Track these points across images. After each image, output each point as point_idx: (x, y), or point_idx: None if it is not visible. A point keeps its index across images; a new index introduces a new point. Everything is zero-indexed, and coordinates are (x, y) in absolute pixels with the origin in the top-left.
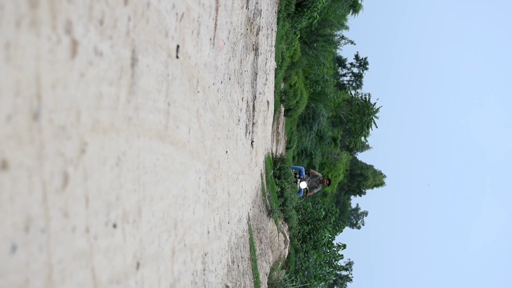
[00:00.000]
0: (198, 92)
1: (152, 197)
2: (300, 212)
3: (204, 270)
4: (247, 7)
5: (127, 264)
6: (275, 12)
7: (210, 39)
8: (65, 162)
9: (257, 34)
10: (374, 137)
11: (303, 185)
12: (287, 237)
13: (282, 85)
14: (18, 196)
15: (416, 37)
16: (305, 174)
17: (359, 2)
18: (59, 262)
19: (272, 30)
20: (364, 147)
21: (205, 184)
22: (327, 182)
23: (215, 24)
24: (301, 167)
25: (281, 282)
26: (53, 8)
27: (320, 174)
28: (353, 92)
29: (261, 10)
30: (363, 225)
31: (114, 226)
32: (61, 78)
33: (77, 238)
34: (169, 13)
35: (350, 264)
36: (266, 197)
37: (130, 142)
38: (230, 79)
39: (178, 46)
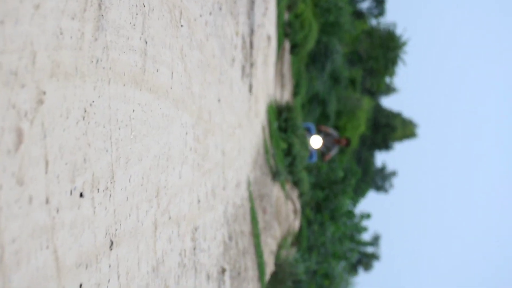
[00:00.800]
0: (181, 26)
1: (127, 158)
2: (312, 174)
3: (194, 249)
4: None
5: (98, 243)
6: None
7: None
8: (19, 116)
9: None
10: (401, 77)
11: (316, 143)
12: (297, 205)
13: (286, 15)
14: None
15: None
16: (316, 132)
17: None
18: (13, 241)
19: None
20: (389, 89)
21: (193, 140)
22: (345, 142)
23: None
24: (309, 123)
25: (291, 262)
26: None
27: (334, 132)
28: (374, 21)
29: None
30: (391, 187)
31: (81, 195)
32: (11, 11)
33: (34, 210)
34: None
35: (376, 238)
36: (270, 155)
37: (99, 89)
38: (221, 9)
39: None
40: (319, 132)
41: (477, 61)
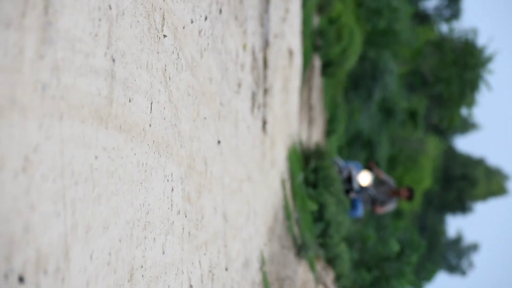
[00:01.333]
0: (164, 36)
1: (88, 226)
2: (355, 247)
3: None
4: None
5: None
6: None
7: None
8: None
9: None
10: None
11: (365, 177)
12: None
13: (316, 20)
14: None
15: None
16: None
17: None
18: None
19: None
20: (467, 126)
21: (182, 200)
22: (407, 194)
23: None
24: (354, 162)
25: None
26: None
27: (391, 179)
28: (445, 27)
29: None
30: (470, 267)
31: (21, 279)
32: None
33: None
34: None
35: None
36: (293, 221)
37: (46, 128)
38: (221, 11)
39: None
40: (367, 168)
41: None
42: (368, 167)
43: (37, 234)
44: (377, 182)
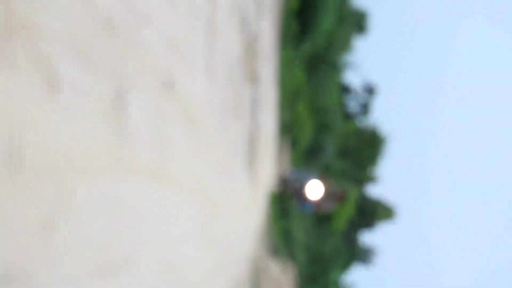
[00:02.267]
0: (192, 127)
1: (146, 240)
2: (307, 251)
3: None
4: (244, 33)
5: None
6: (276, 38)
7: (205, 70)
8: (50, 207)
9: (256, 62)
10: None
11: (315, 191)
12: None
13: (285, 117)
14: None
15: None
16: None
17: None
18: None
19: (272, 57)
20: (373, 178)
21: (200, 224)
22: (340, 197)
23: (210, 53)
24: (309, 173)
25: None
26: (30, 43)
27: (337, 188)
28: (360, 120)
29: (258, 35)
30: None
31: (106, 273)
32: (43, 119)
33: None
34: (158, 45)
35: None
36: (269, 236)
37: (120, 184)
38: (227, 112)
39: (169, 80)
40: (321, 180)
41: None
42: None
43: (116, 243)
44: (329, 193)
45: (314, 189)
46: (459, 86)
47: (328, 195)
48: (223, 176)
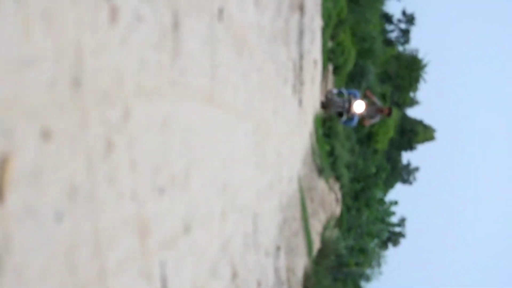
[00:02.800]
0: (243, 53)
1: (200, 160)
2: (351, 170)
3: (255, 231)
4: None
5: (176, 228)
6: None
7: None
8: (109, 128)
9: None
10: (424, 92)
11: (359, 107)
12: (339, 195)
13: (330, 44)
14: (62, 164)
15: None
16: (361, 98)
17: None
18: (106, 228)
19: None
20: (413, 102)
21: (254, 145)
22: (388, 111)
23: None
24: (355, 90)
25: (334, 240)
26: None
27: (378, 101)
28: (401, 48)
29: None
30: (415, 180)
31: (162, 190)
32: (102, 45)
33: (124, 204)
34: None
35: (403, 220)
36: (317, 156)
37: (176, 106)
38: (275, 39)
39: (221, 8)
40: (364, 97)
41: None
42: (365, 94)
43: (171, 164)
44: (370, 103)
45: (359, 106)
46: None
47: (373, 108)
48: (273, 99)
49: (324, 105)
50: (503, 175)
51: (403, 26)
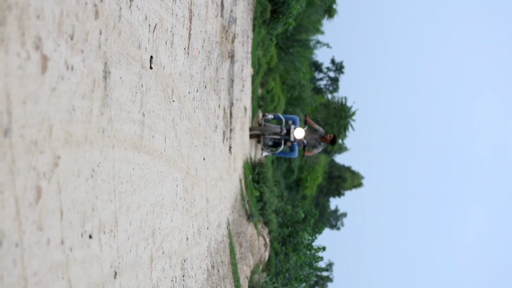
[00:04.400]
0: (173, 101)
1: (128, 207)
2: (280, 215)
3: (183, 276)
4: (221, 16)
5: (104, 274)
6: (251, 19)
7: (185, 48)
8: (38, 176)
9: (233, 41)
10: (351, 139)
11: (299, 134)
12: (267, 240)
13: (260, 91)
14: None
15: (391, 39)
16: (300, 125)
17: (334, 7)
18: (34, 274)
19: (248, 37)
20: (341, 149)
21: (182, 191)
22: (331, 138)
23: (189, 34)
24: (294, 116)
25: (262, 284)
26: (22, 25)
27: (321, 129)
28: (329, 96)
29: (235, 18)
30: (342, 226)
31: (90, 237)
32: (32, 94)
33: (52, 250)
34: (141, 25)
35: (330, 265)
36: (246, 201)
37: (104, 153)
38: (206, 87)
39: (151, 57)
40: (304, 123)
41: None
42: (305, 121)
43: (99, 210)
44: (311, 131)
45: (298, 133)
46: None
47: (314, 136)
48: (203, 146)
49: (257, 134)
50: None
51: (332, 74)
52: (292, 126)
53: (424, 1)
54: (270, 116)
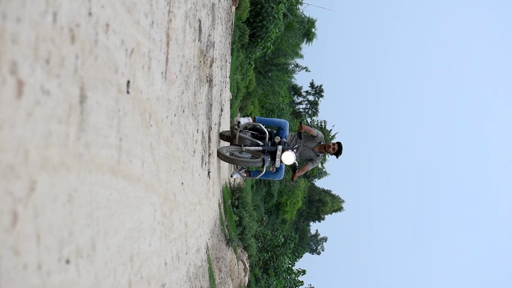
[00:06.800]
0: (151, 126)
1: (106, 232)
2: (259, 240)
3: None
4: (199, 40)
5: None
6: (229, 43)
7: (162, 73)
8: (15, 200)
9: (211, 66)
10: (331, 163)
11: (289, 158)
12: (247, 265)
13: (238, 115)
14: None
15: (371, 62)
16: (289, 134)
17: (313, 30)
18: None
19: (226, 61)
20: (321, 173)
21: (161, 216)
22: (335, 149)
23: (167, 58)
24: (283, 121)
25: None
26: None
27: (320, 133)
28: (309, 119)
29: (214, 42)
30: (323, 250)
31: (67, 262)
32: (8, 118)
33: (29, 275)
34: (118, 49)
35: None
36: (225, 226)
37: (81, 178)
38: (184, 111)
39: (128, 82)
40: (298, 134)
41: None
42: (299, 127)
43: (76, 235)
44: (305, 139)
45: (288, 157)
46: (395, 89)
47: (311, 145)
48: (181, 171)
49: (227, 136)
50: (407, 245)
51: (311, 97)
52: (279, 147)
53: (403, 25)
54: (246, 120)
